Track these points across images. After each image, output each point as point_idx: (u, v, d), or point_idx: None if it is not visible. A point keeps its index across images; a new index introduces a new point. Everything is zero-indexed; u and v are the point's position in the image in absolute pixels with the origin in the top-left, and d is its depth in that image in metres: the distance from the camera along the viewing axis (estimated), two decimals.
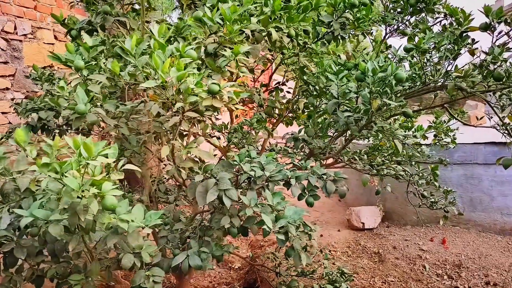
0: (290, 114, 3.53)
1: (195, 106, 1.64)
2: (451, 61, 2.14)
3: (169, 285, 3.72)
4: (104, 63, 1.92)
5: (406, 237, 4.57)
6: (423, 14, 2.37)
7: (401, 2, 2.39)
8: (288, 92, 3.58)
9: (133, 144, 2.08)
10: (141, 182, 3.48)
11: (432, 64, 2.08)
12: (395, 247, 4.30)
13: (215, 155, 3.72)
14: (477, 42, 2.10)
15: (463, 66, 2.10)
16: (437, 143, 3.12)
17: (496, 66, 1.85)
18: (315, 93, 2.77)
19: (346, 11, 2.52)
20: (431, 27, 2.32)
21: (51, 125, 2.73)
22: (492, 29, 1.92)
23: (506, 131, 2.17)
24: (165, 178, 3.29)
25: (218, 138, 3.58)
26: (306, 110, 3.30)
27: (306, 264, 2.15)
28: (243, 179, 1.87)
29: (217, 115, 3.44)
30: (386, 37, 2.60)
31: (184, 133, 2.03)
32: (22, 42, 3.84)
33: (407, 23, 2.49)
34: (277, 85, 3.52)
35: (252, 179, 1.86)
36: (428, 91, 2.24)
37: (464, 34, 2.02)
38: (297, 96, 3.37)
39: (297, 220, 1.83)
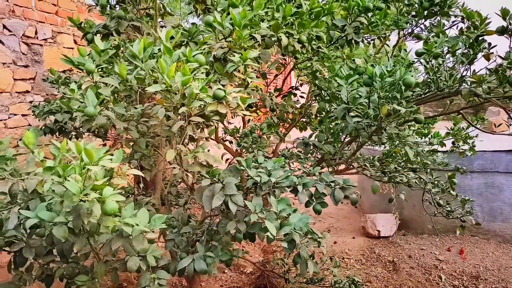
0: (304, 119, 3.50)
1: (202, 111, 1.64)
2: (467, 66, 2.08)
3: (180, 287, 3.74)
4: None
5: (422, 246, 4.45)
6: (439, 18, 2.32)
7: (415, 5, 2.34)
8: (302, 97, 3.55)
9: (142, 147, 2.10)
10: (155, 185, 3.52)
11: (446, 69, 2.02)
12: (411, 256, 4.20)
13: (227, 159, 3.73)
14: (494, 46, 2.02)
15: (479, 70, 2.03)
16: (454, 151, 3.03)
17: None
18: (327, 97, 2.74)
19: (360, 15, 2.49)
20: (447, 31, 2.26)
21: (68, 127, 2.80)
22: (510, 32, 1.85)
23: None
24: (177, 181, 3.30)
25: (231, 142, 3.59)
26: (318, 115, 3.26)
27: (316, 272, 2.12)
28: (249, 185, 1.85)
29: (229, 119, 3.44)
30: (400, 41, 2.55)
31: (196, 137, 2.03)
32: (43, 46, 3.94)
33: (422, 26, 2.43)
34: (290, 89, 3.50)
35: (258, 184, 1.85)
36: (443, 97, 2.18)
37: (480, 38, 1.95)
38: (310, 101, 3.34)
39: (304, 227, 1.80)
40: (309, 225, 1.87)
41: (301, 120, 3.48)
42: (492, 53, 1.92)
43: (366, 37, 2.84)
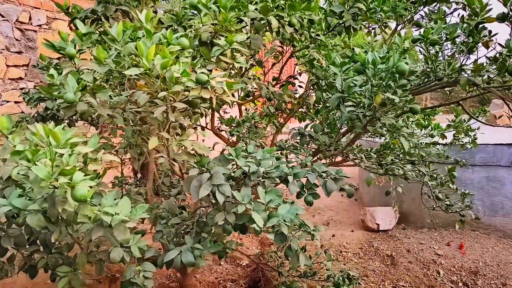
0: (302, 109, 3.42)
1: (186, 97, 1.57)
2: (467, 55, 1.99)
3: (174, 279, 3.70)
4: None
5: (421, 241, 4.39)
6: (439, 4, 2.22)
7: None
8: (300, 86, 3.47)
9: (129, 136, 2.03)
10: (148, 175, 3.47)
11: (445, 57, 1.93)
12: (409, 251, 4.13)
13: (223, 149, 3.66)
14: (495, 34, 1.93)
15: (479, 58, 1.94)
16: (455, 143, 2.95)
17: None
18: (324, 87, 2.66)
19: (358, 1, 2.40)
20: (447, 18, 2.16)
21: (61, 115, 2.73)
22: (510, 19, 1.76)
23: None
24: (171, 171, 3.25)
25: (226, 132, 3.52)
26: (316, 105, 3.19)
27: (308, 265, 2.06)
28: (238, 175, 1.79)
29: (226, 108, 3.36)
30: (398, 28, 2.45)
31: (185, 124, 1.96)
32: (37, 32, 3.88)
33: (422, 13, 2.34)
34: (288, 78, 3.42)
35: (247, 174, 1.78)
36: (442, 86, 2.09)
37: (481, 26, 1.86)
38: (308, 90, 3.26)
39: (294, 219, 1.74)
40: (299, 217, 1.80)
41: (299, 110, 3.40)
42: (492, 40, 1.83)
43: (368, 26, 2.75)
